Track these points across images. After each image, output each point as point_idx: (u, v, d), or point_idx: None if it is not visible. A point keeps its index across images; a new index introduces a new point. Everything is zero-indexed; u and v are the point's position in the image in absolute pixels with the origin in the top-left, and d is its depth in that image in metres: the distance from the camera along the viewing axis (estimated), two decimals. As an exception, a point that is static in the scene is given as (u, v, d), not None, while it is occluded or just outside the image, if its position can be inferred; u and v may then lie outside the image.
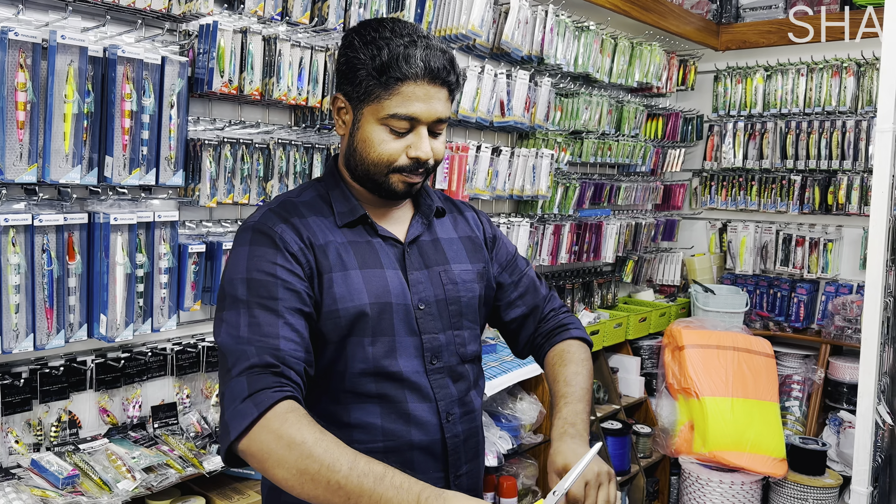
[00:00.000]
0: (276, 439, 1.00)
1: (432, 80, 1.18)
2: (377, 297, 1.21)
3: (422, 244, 1.31)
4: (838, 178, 3.88)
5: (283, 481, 1.00)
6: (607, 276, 3.98)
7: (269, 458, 1.00)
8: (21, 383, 1.78)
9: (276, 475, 1.00)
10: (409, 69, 1.15)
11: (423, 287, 1.26)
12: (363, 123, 1.22)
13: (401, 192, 1.25)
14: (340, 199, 1.27)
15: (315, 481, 0.98)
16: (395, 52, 1.16)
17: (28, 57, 1.64)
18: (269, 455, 1.00)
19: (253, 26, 2.10)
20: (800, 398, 3.81)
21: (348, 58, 1.21)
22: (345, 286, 1.19)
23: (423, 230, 1.32)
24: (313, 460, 0.98)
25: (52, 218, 1.72)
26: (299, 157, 2.27)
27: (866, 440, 1.67)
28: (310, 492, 0.99)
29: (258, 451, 1.01)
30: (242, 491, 2.04)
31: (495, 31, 2.87)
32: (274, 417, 1.02)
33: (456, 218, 1.41)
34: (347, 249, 1.23)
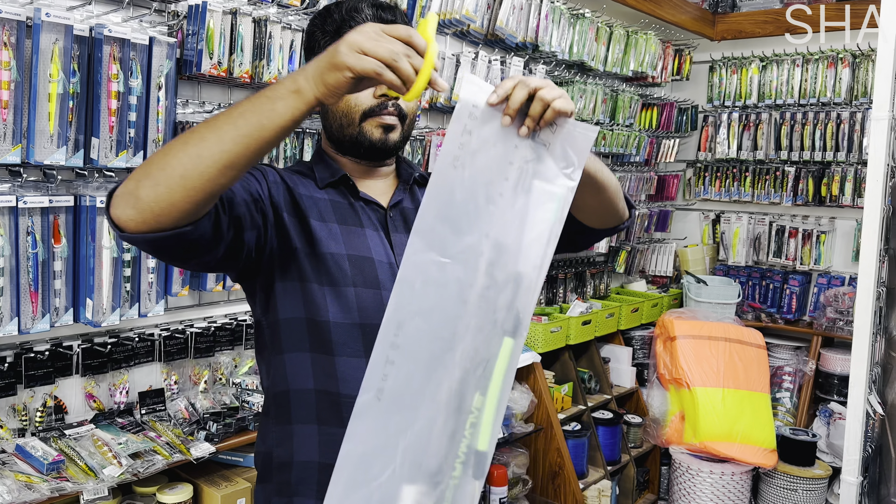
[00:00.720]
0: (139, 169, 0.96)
1: (382, 23, 1.20)
2: (356, 251, 1.19)
3: (404, 209, 1.29)
4: (832, 170, 3.87)
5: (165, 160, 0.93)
6: (600, 266, 3.97)
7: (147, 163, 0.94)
8: (5, 368, 1.75)
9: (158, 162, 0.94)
10: (357, 15, 1.20)
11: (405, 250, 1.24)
12: None
13: (377, 140, 1.22)
14: (322, 168, 1.28)
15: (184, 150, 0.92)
16: (343, 7, 1.22)
17: (12, 35, 1.61)
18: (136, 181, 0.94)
19: (243, 8, 2.07)
20: (791, 389, 3.82)
21: (308, 32, 1.28)
22: (325, 233, 1.19)
23: (404, 196, 1.31)
24: (171, 145, 0.93)
25: (37, 200, 1.69)
26: (289, 141, 2.24)
27: (857, 430, 1.67)
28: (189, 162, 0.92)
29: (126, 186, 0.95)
30: (230, 478, 2.03)
31: (489, 16, 2.84)
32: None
33: None
34: (327, 206, 1.22)
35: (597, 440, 3.26)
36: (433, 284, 0.95)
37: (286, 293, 1.19)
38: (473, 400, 0.96)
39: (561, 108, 0.98)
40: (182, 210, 0.94)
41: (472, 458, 0.95)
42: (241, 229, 1.10)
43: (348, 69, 0.89)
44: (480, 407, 0.96)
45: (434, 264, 0.95)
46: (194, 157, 0.92)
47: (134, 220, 0.94)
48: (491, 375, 0.98)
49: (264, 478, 1.26)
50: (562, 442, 2.98)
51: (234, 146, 0.92)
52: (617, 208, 1.27)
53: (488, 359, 0.98)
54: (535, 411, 2.98)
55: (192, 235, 0.98)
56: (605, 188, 1.20)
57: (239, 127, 0.92)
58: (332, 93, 0.92)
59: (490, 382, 0.98)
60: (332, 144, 1.29)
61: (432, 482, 0.94)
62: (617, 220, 1.30)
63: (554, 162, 1.00)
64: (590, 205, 1.23)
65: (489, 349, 0.98)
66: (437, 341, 0.95)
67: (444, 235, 0.96)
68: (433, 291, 0.95)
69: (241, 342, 2.27)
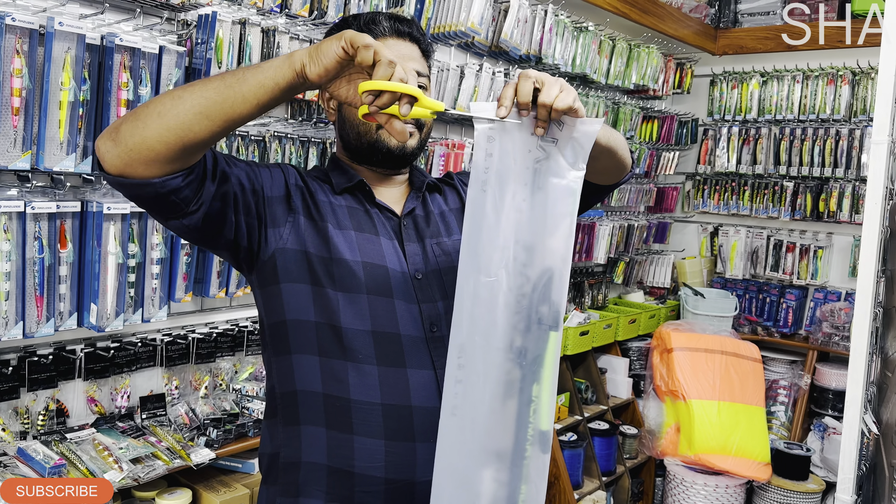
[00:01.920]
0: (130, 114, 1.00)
1: (400, 35, 1.26)
2: (371, 259, 1.21)
3: (416, 217, 1.31)
4: (830, 186, 3.90)
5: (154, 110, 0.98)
6: (598, 276, 3.99)
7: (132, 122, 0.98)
8: (9, 371, 1.77)
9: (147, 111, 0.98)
10: (375, 27, 1.24)
11: (418, 259, 1.26)
12: None
13: (395, 148, 1.26)
14: (338, 174, 1.30)
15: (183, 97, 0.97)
16: (362, 20, 1.26)
17: (25, 43, 1.63)
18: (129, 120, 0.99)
19: (252, 18, 2.09)
20: (786, 403, 3.84)
21: None
22: (340, 239, 1.21)
23: (416, 204, 1.33)
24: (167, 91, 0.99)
25: (45, 205, 1.71)
26: (295, 150, 2.26)
27: (852, 449, 1.68)
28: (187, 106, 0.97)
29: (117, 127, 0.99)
30: (229, 484, 2.04)
31: (494, 29, 2.87)
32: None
33: (445, 191, 1.41)
34: (344, 212, 1.25)
35: (592, 451, 3.28)
36: (484, 304, 1.05)
37: (295, 295, 1.20)
38: (532, 390, 1.08)
39: (562, 107, 1.02)
40: (152, 150, 0.97)
41: (538, 437, 1.08)
42: (226, 205, 1.13)
43: (350, 40, 0.94)
44: (538, 395, 1.08)
45: (483, 286, 1.05)
46: (176, 98, 0.97)
47: (110, 153, 0.99)
48: (542, 366, 1.09)
49: (269, 479, 1.26)
50: (557, 452, 3.00)
51: (215, 94, 0.97)
52: (627, 162, 1.32)
53: (539, 354, 1.08)
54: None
55: (161, 189, 1.02)
56: (617, 150, 1.25)
57: (225, 78, 0.98)
58: (322, 63, 0.96)
59: (543, 371, 1.09)
60: (348, 153, 1.32)
61: (510, 464, 1.08)
62: (625, 171, 1.35)
63: (563, 157, 1.07)
64: (604, 166, 1.27)
65: (539, 346, 1.08)
66: (495, 351, 1.06)
67: (487, 255, 1.05)
68: (485, 310, 1.05)
69: (243, 348, 2.28)
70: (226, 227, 1.14)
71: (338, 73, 0.98)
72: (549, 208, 1.07)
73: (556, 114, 1.03)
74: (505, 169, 1.05)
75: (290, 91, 0.99)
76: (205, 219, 1.10)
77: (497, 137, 1.05)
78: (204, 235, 1.14)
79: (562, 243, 1.07)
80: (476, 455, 1.07)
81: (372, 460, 1.17)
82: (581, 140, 1.07)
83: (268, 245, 1.20)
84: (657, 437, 3.47)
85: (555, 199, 1.07)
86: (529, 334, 1.07)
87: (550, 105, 1.02)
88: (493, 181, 1.05)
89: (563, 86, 1.04)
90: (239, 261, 1.22)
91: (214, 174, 1.10)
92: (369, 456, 1.17)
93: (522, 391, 1.08)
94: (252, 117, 1.00)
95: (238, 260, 1.22)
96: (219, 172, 1.11)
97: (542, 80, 1.03)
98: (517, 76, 1.05)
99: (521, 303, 1.07)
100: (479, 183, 1.05)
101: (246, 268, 1.24)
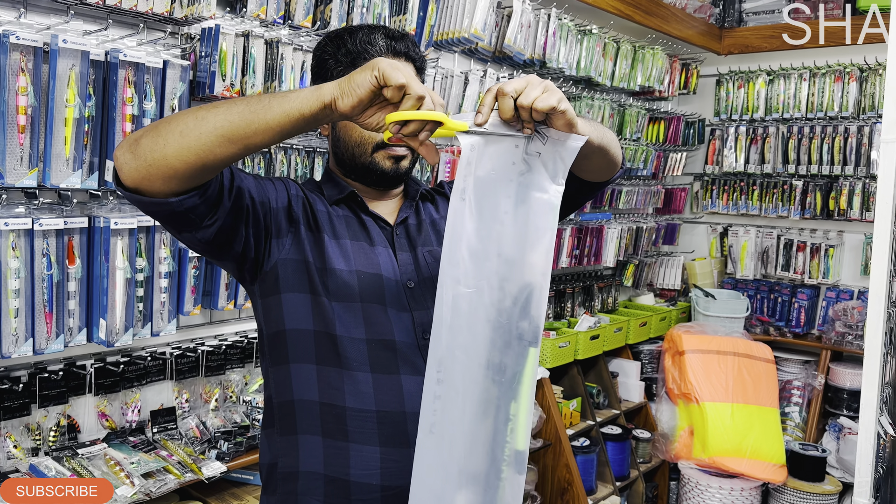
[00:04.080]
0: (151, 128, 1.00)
1: (396, 55, 1.25)
2: (365, 267, 1.22)
3: (408, 226, 1.33)
4: (840, 184, 3.87)
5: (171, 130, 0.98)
6: (608, 279, 3.97)
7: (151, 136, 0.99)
8: (20, 388, 1.77)
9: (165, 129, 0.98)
10: (371, 47, 1.24)
11: (410, 268, 1.27)
12: None
13: (389, 169, 1.27)
14: (331, 185, 1.32)
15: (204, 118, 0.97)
16: (358, 37, 1.25)
17: (29, 61, 1.63)
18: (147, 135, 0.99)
19: (255, 30, 2.09)
20: (800, 404, 3.81)
21: (318, 58, 1.30)
22: (335, 250, 1.22)
23: (409, 213, 1.34)
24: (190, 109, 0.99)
25: (53, 222, 1.71)
26: (300, 161, 2.26)
27: (868, 451, 1.66)
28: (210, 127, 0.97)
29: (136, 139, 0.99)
30: (241, 496, 2.04)
31: (497, 34, 2.86)
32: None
33: (437, 201, 1.42)
34: (341, 222, 1.26)
35: (605, 456, 3.26)
36: (464, 316, 1.03)
37: (294, 304, 1.21)
38: (510, 408, 1.06)
39: (543, 107, 0.99)
40: (172, 167, 0.98)
41: (515, 457, 1.06)
42: (239, 219, 1.14)
43: (384, 75, 0.94)
44: (516, 413, 1.06)
45: (462, 297, 1.02)
46: (200, 119, 0.97)
47: (129, 165, 0.99)
48: (521, 383, 1.06)
49: (269, 489, 1.27)
50: (570, 458, 2.98)
51: (239, 119, 0.97)
52: (618, 159, 1.30)
53: (518, 371, 1.06)
54: (544, 427, 2.98)
55: (178, 208, 1.02)
56: (609, 148, 1.23)
57: (250, 103, 0.97)
58: (355, 95, 0.95)
59: (521, 389, 1.06)
60: (342, 169, 1.33)
61: (484, 485, 1.05)
62: (616, 168, 1.32)
63: (546, 171, 1.06)
64: (597, 165, 1.26)
65: (518, 363, 1.06)
66: (474, 367, 1.04)
67: (466, 266, 1.03)
68: (464, 322, 1.03)
69: (252, 360, 2.28)
70: (236, 239, 1.16)
71: (370, 104, 0.99)
72: (530, 223, 1.05)
73: (538, 114, 1.00)
74: (487, 179, 1.03)
75: (316, 122, 0.99)
76: (218, 232, 1.11)
77: (478, 146, 1.02)
78: (214, 247, 1.15)
79: (542, 258, 1.05)
80: (454, 477, 1.04)
81: (368, 468, 1.18)
82: (563, 155, 1.05)
83: (271, 256, 1.21)
84: (671, 440, 3.45)
85: (536, 214, 1.05)
86: (509, 350, 1.05)
87: (529, 106, 0.99)
88: (471, 190, 1.03)
89: (548, 87, 1.01)
90: (243, 272, 1.23)
91: (231, 190, 1.10)
92: (365, 463, 1.18)
93: (500, 409, 1.05)
94: (273, 143, 1.01)
95: (242, 271, 1.23)
96: (234, 189, 1.11)
97: (526, 82, 1.01)
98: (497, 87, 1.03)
99: (501, 318, 1.05)
100: (458, 191, 1.03)
101: (249, 278, 1.25)
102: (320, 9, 2.19)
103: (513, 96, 1.00)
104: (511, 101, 1.00)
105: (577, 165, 1.27)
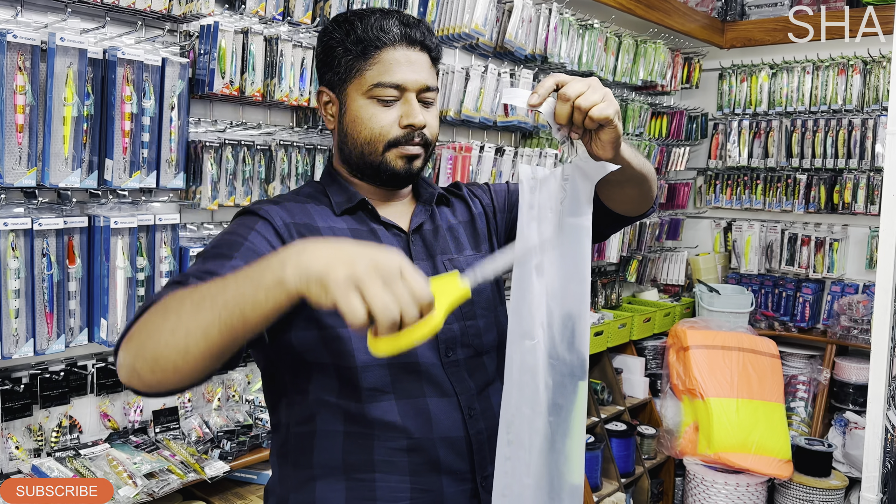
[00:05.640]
0: (143, 321, 0.89)
1: (411, 44, 1.15)
2: None
3: (424, 233, 1.23)
4: (844, 177, 3.84)
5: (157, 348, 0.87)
6: (611, 275, 3.95)
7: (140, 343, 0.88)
8: (21, 389, 1.76)
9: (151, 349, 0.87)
10: (384, 35, 1.14)
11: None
12: (349, 104, 1.16)
13: (401, 170, 1.17)
14: (338, 192, 1.21)
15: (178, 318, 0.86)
16: (369, 23, 1.14)
17: (27, 59, 1.62)
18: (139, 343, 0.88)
19: (254, 27, 2.08)
20: (805, 399, 3.79)
21: (325, 44, 1.19)
22: None
23: (425, 219, 1.24)
24: (165, 312, 0.87)
25: (52, 222, 1.70)
26: (301, 158, 2.25)
27: (876, 447, 1.65)
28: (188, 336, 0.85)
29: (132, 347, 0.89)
30: (244, 496, 2.03)
31: (498, 29, 2.85)
32: (154, 303, 0.90)
33: (454, 203, 1.33)
34: (347, 236, 1.16)
35: (610, 452, 3.25)
36: (529, 371, 1.00)
37: (305, 342, 1.11)
38: (566, 446, 1.04)
39: (598, 117, 0.96)
40: (176, 383, 0.90)
41: (570, 491, 1.04)
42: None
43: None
44: (571, 448, 1.04)
45: (527, 351, 1.00)
46: (182, 349, 0.85)
47: (142, 390, 0.92)
48: (572, 418, 1.04)
49: None
50: (575, 454, 2.96)
51: (219, 336, 0.84)
52: (652, 193, 1.25)
53: (570, 408, 1.03)
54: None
55: (201, 381, 0.93)
56: (647, 178, 1.19)
57: (222, 318, 0.83)
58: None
59: (572, 424, 1.04)
60: (347, 167, 1.22)
61: None
62: (647, 206, 1.28)
63: (576, 196, 1.02)
64: (633, 196, 1.21)
65: (570, 400, 1.03)
66: (536, 416, 1.01)
67: (529, 317, 1.00)
68: (529, 377, 1.00)
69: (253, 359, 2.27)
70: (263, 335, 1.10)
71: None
72: (567, 251, 1.01)
73: (591, 122, 0.97)
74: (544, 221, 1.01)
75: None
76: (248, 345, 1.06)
77: (538, 188, 1.00)
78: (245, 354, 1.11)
79: (580, 286, 1.02)
80: None
81: (395, 499, 1.10)
82: (588, 179, 1.02)
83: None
84: (676, 436, 3.43)
85: (571, 240, 1.01)
86: (563, 389, 1.01)
87: (586, 111, 0.96)
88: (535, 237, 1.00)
89: (607, 95, 0.98)
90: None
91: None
92: (392, 495, 1.10)
93: (557, 450, 1.03)
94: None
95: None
96: None
97: (587, 85, 0.98)
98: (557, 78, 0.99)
99: (552, 358, 1.01)
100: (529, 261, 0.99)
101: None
102: (319, 5, 2.18)
103: (578, 93, 0.96)
104: (569, 107, 0.97)
105: (611, 195, 1.22)
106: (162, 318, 0.88)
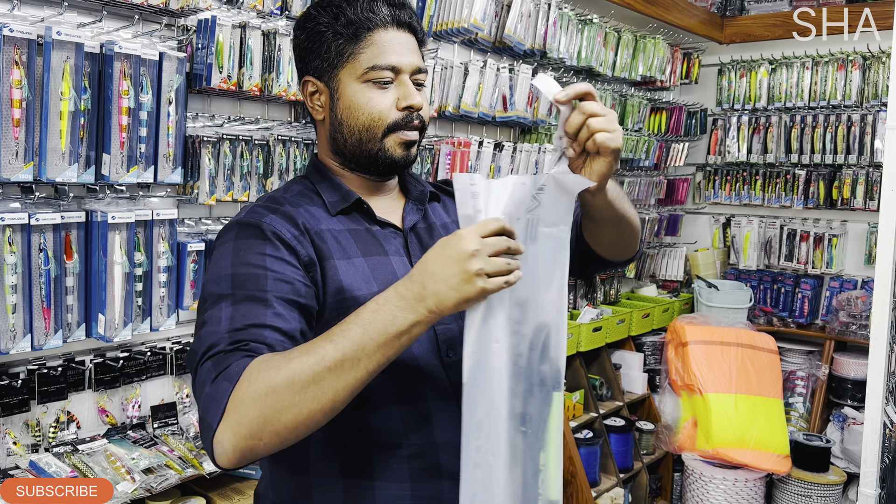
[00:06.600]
0: (254, 400, 0.88)
1: (400, 25, 1.14)
2: (385, 284, 1.04)
3: (419, 231, 1.21)
4: (843, 173, 3.84)
5: (297, 420, 0.90)
6: (610, 271, 3.95)
7: (265, 420, 0.89)
8: (19, 384, 1.76)
9: (285, 424, 0.89)
10: (374, 16, 1.11)
11: None
12: (342, 90, 1.13)
13: (399, 157, 1.15)
14: (330, 189, 1.17)
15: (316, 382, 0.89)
16: (358, 5, 1.12)
17: (23, 53, 1.61)
18: (261, 417, 0.89)
19: (252, 21, 2.07)
20: (804, 394, 3.79)
21: (309, 30, 1.15)
22: (351, 274, 1.09)
23: (418, 217, 1.22)
24: (298, 375, 0.89)
25: (49, 217, 1.70)
26: (299, 153, 2.24)
27: (874, 442, 1.65)
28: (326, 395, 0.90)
29: (247, 425, 0.89)
30: (243, 491, 2.03)
31: (497, 24, 2.84)
32: (246, 380, 0.90)
33: (445, 201, 1.31)
34: (347, 237, 1.13)
35: (609, 448, 3.25)
36: (494, 371, 0.97)
37: None
38: (539, 459, 1.01)
39: (600, 140, 0.99)
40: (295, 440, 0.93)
41: None
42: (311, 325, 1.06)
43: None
44: (545, 463, 1.01)
45: (493, 353, 0.97)
46: (328, 410, 0.91)
47: (251, 461, 0.94)
48: (547, 430, 1.01)
49: None
50: (574, 450, 2.97)
51: (364, 384, 0.92)
52: (635, 244, 1.27)
53: (543, 418, 1.01)
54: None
55: None
56: (629, 225, 1.20)
57: (370, 370, 0.91)
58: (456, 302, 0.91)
59: (548, 437, 1.01)
60: (338, 158, 1.18)
61: None
62: (631, 253, 1.30)
63: (553, 208, 1.01)
64: (613, 240, 1.23)
65: (543, 410, 1.01)
66: (502, 423, 0.98)
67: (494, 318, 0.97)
68: (494, 378, 0.97)
69: (253, 354, 2.26)
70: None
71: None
72: (540, 259, 0.99)
73: (592, 145, 1.00)
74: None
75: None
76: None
77: (482, 193, 0.96)
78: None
79: (555, 296, 1.00)
80: None
81: None
82: (571, 189, 1.01)
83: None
84: (674, 432, 3.44)
85: (545, 250, 1.00)
86: (532, 398, 0.99)
87: (593, 132, 0.99)
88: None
89: (618, 132, 1.01)
90: None
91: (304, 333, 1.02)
92: (392, 502, 1.08)
93: (528, 462, 1.00)
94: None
95: None
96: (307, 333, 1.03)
97: (606, 111, 1.01)
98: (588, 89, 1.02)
99: (519, 364, 0.98)
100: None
101: None
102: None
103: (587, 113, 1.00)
104: (581, 120, 1.00)
105: (592, 233, 1.24)
106: (290, 391, 0.89)
